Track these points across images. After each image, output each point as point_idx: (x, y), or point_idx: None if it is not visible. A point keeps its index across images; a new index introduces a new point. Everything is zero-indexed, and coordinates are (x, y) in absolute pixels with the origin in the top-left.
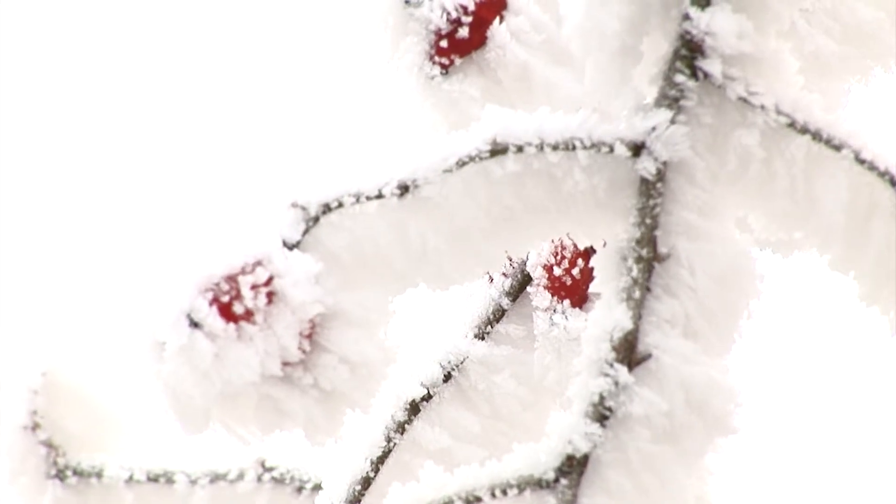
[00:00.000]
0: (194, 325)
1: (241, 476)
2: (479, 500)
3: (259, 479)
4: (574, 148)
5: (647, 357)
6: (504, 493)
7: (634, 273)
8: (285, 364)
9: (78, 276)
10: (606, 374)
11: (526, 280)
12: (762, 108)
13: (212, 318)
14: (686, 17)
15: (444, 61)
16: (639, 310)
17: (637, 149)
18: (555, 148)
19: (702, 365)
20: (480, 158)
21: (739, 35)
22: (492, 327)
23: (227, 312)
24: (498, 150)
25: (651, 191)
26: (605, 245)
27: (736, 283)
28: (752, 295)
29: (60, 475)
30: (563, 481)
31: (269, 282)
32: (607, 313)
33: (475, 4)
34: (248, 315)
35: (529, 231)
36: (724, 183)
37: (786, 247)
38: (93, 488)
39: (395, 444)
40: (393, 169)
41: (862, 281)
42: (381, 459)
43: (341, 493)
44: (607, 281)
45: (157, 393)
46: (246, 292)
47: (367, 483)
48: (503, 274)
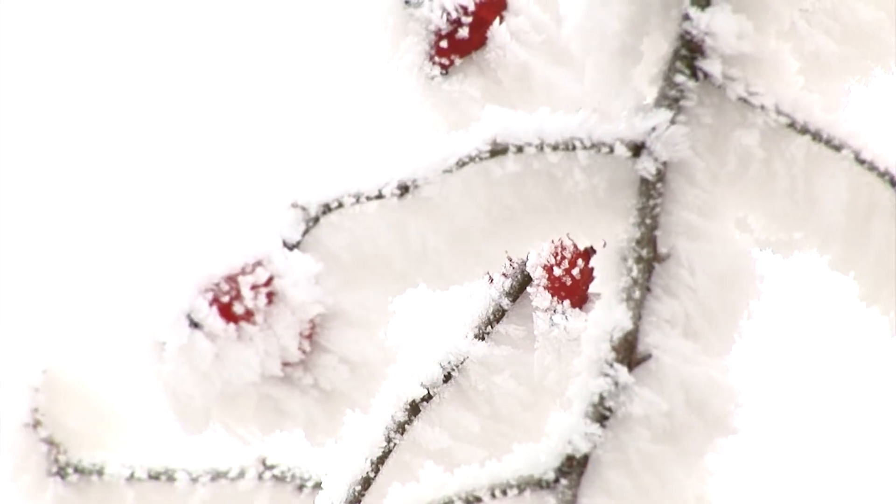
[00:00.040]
0: (194, 325)
1: (242, 474)
2: (478, 500)
3: (260, 478)
4: (574, 148)
5: (647, 357)
6: (504, 493)
7: (634, 273)
8: (285, 364)
9: (79, 275)
10: (606, 375)
11: (526, 280)
12: (762, 108)
13: (212, 318)
14: (686, 17)
15: (444, 61)
16: (639, 310)
17: (637, 149)
18: (555, 148)
19: (702, 365)
20: (480, 158)
21: (739, 35)
22: (492, 328)
23: (227, 313)
24: (498, 151)
25: (651, 191)
26: (605, 245)
27: (736, 283)
28: (752, 295)
29: (61, 473)
30: (563, 481)
31: (269, 282)
32: (607, 313)
33: (475, 5)
34: (248, 315)
35: (529, 231)
36: (724, 183)
37: (786, 247)
38: (94, 486)
39: (395, 444)
40: (393, 169)
41: (862, 281)
42: (382, 460)
43: (341, 493)
44: (607, 281)
45: (157, 393)
46: (246, 292)
47: (367, 483)
48: (503, 274)
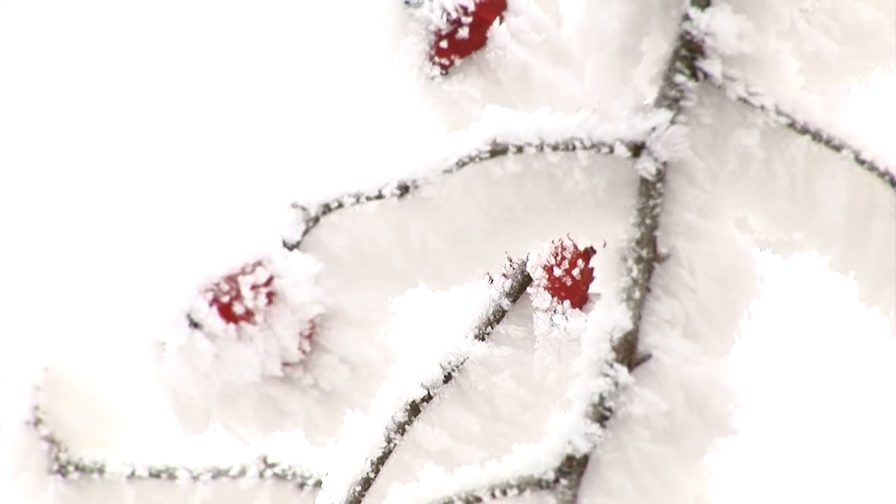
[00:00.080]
0: (194, 325)
1: (243, 472)
2: (478, 500)
3: (261, 476)
4: (574, 148)
5: (647, 357)
6: (504, 493)
7: (634, 273)
8: (285, 364)
9: (79, 273)
10: (606, 375)
11: (526, 281)
12: (762, 108)
13: (212, 318)
14: (686, 17)
15: (444, 62)
16: (639, 310)
17: (637, 149)
18: (555, 148)
19: (702, 365)
20: (480, 159)
21: (739, 35)
22: (492, 328)
23: (227, 313)
24: (498, 151)
25: (651, 191)
26: (605, 245)
27: (736, 283)
28: (752, 295)
29: (62, 471)
30: (563, 482)
31: (269, 282)
32: (607, 314)
33: (475, 5)
34: (248, 315)
35: (529, 231)
36: (724, 183)
37: (786, 247)
38: (95, 484)
39: (395, 444)
40: (393, 169)
41: (862, 281)
42: (382, 460)
43: (341, 493)
44: (607, 281)
45: (157, 393)
46: (246, 292)
47: (367, 484)
48: (503, 275)
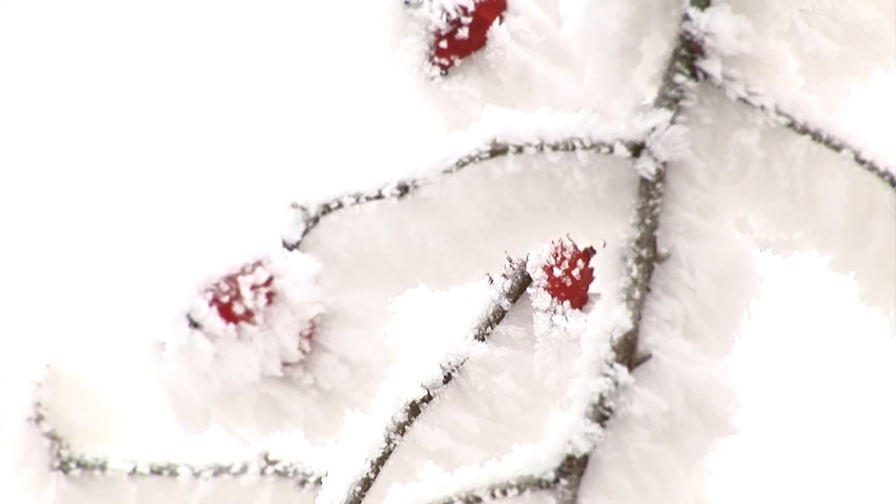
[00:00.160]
0: (194, 325)
1: (244, 469)
2: (478, 500)
3: (262, 473)
4: (574, 148)
5: (646, 357)
6: (504, 493)
7: (634, 273)
8: (285, 364)
9: (80, 271)
10: (606, 375)
11: (526, 281)
12: (762, 108)
13: (212, 318)
14: (686, 17)
15: (444, 62)
16: (639, 310)
17: (637, 149)
18: (554, 148)
19: (702, 365)
20: (480, 159)
21: (739, 35)
22: (492, 328)
23: (226, 313)
24: (498, 151)
25: (651, 191)
26: (604, 245)
27: (736, 283)
28: (752, 295)
29: (64, 467)
30: (563, 482)
31: (268, 282)
32: (607, 314)
33: (475, 5)
34: (248, 315)
35: (529, 231)
36: (723, 183)
37: (786, 247)
38: (96, 480)
39: (395, 445)
40: (393, 169)
41: (862, 281)
42: (381, 460)
43: (341, 493)
44: (607, 281)
45: (157, 393)
46: (246, 292)
47: (367, 484)
48: (503, 275)
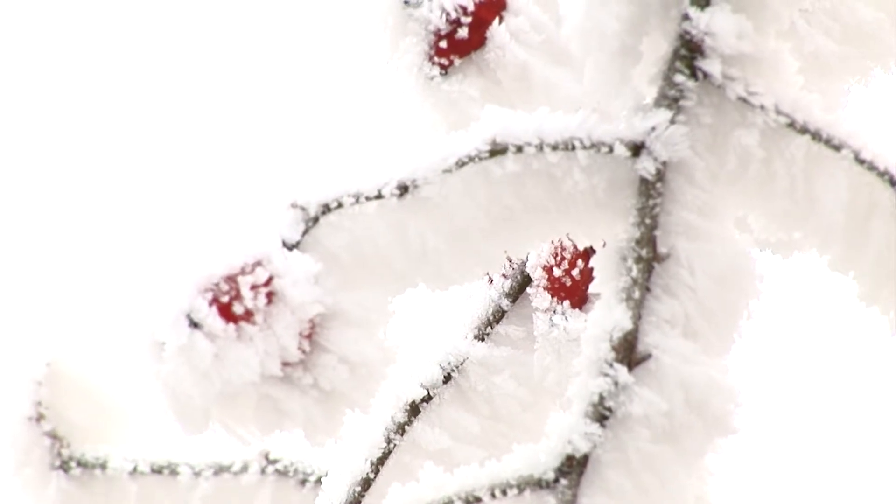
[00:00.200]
0: (194, 325)
1: (244, 468)
2: (478, 500)
3: (263, 472)
4: (573, 148)
5: (646, 357)
6: (504, 493)
7: (634, 273)
8: (285, 364)
9: (80, 271)
10: (606, 374)
11: (525, 281)
12: (762, 108)
13: (211, 318)
14: (685, 17)
15: (444, 62)
16: (638, 310)
17: (637, 149)
18: (554, 148)
19: (701, 365)
20: (480, 158)
21: (739, 35)
22: (491, 328)
23: (226, 312)
24: (497, 151)
25: (650, 191)
26: (604, 245)
27: (735, 283)
28: (752, 295)
29: (64, 466)
30: (563, 481)
31: (268, 282)
32: (607, 313)
33: (474, 5)
34: (248, 315)
35: (529, 231)
36: (723, 183)
37: (785, 247)
38: (97, 480)
39: (394, 445)
40: (392, 169)
41: (861, 281)
42: (381, 460)
43: (341, 493)
44: (607, 281)
45: (157, 393)
46: (246, 292)
47: (366, 484)
48: (503, 275)
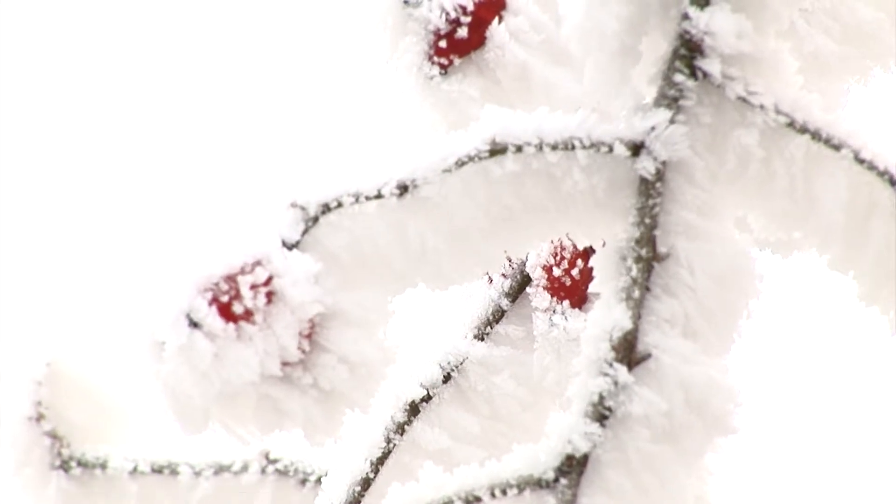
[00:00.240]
0: (194, 324)
1: (245, 468)
2: (478, 500)
3: (263, 471)
4: (573, 148)
5: (646, 357)
6: (504, 493)
7: (634, 273)
8: (285, 364)
9: (80, 271)
10: (606, 374)
11: (525, 281)
12: (761, 107)
13: (211, 317)
14: (685, 16)
15: (443, 61)
16: (638, 309)
17: (636, 148)
18: (554, 148)
19: (701, 365)
20: (479, 158)
21: (738, 35)
22: (491, 328)
23: (226, 312)
24: (497, 150)
25: (650, 190)
26: (604, 245)
27: (735, 282)
28: (752, 295)
29: (65, 466)
30: (563, 481)
31: (268, 282)
32: (607, 313)
33: (474, 4)
34: (248, 315)
35: (529, 231)
36: (723, 182)
37: (785, 246)
38: (97, 479)
39: (394, 444)
40: (392, 169)
41: (861, 280)
42: (381, 460)
43: (341, 493)
44: (607, 281)
45: (157, 392)
46: (245, 292)
47: (366, 484)
48: (502, 275)
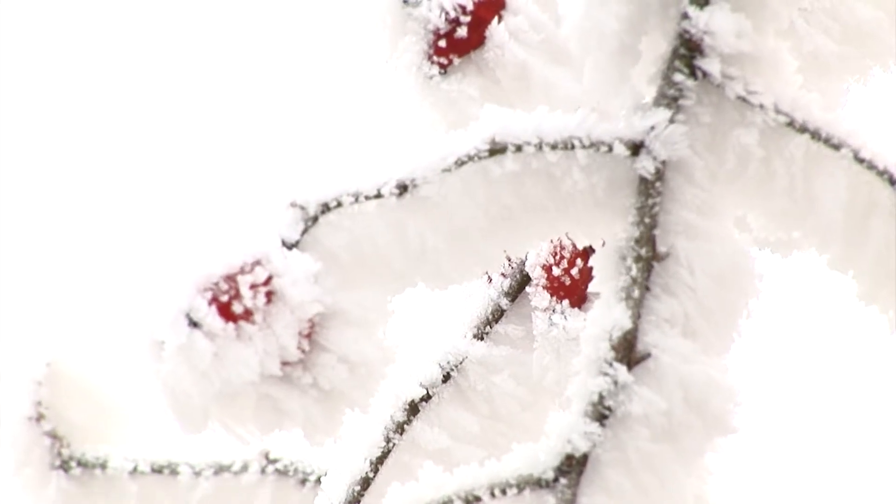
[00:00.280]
0: (193, 324)
1: (244, 468)
2: (478, 499)
3: (263, 471)
4: (573, 147)
5: (646, 356)
6: (503, 492)
7: (633, 272)
8: (284, 363)
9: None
10: (605, 374)
11: (525, 280)
12: (761, 107)
13: (211, 317)
14: (685, 16)
15: (443, 61)
16: (638, 309)
17: (636, 148)
18: (553, 147)
19: (701, 364)
20: (479, 158)
21: (738, 34)
22: (491, 327)
23: (226, 312)
24: (497, 150)
25: (650, 190)
26: (603, 244)
27: (735, 282)
28: (751, 294)
29: (65, 466)
30: (563, 481)
31: (268, 281)
32: (606, 312)
33: (473, 4)
34: (248, 314)
35: (528, 230)
36: (722, 182)
37: (785, 246)
38: (97, 479)
39: (394, 444)
40: (392, 168)
41: (861, 280)
42: (381, 460)
43: (340, 493)
44: (606, 280)
45: (156, 392)
46: (245, 292)
47: (366, 483)
48: (502, 274)
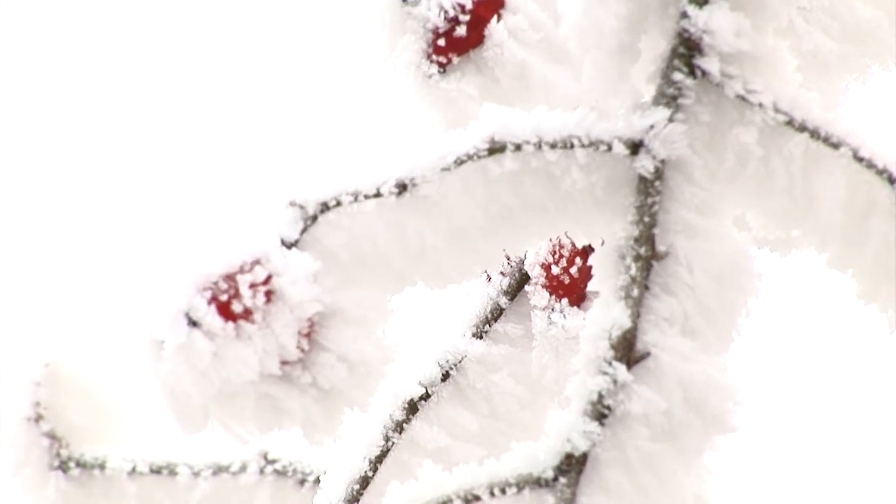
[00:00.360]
0: (193, 323)
1: (243, 468)
2: (477, 498)
3: (261, 472)
4: (572, 146)
5: (645, 355)
6: (503, 491)
7: (633, 271)
8: (284, 363)
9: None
10: (605, 373)
11: (524, 279)
12: (760, 106)
13: (210, 316)
14: (684, 15)
15: (442, 60)
16: (637, 308)
17: (635, 147)
18: (553, 146)
19: (700, 363)
20: (478, 157)
21: (737, 33)
22: (490, 326)
23: (225, 311)
24: (496, 149)
25: (649, 189)
26: (603, 243)
27: (734, 281)
28: (751, 293)
29: (63, 467)
30: (562, 480)
31: (267, 280)
32: (606, 312)
33: (473, 3)
34: (247, 314)
35: (527, 229)
36: (722, 181)
37: (784, 245)
38: (96, 480)
39: (393, 443)
40: (391, 168)
41: (860, 279)
42: (380, 459)
43: (340, 492)
44: (606, 279)
45: (156, 391)
46: (244, 291)
47: (365, 482)
48: (501, 273)
